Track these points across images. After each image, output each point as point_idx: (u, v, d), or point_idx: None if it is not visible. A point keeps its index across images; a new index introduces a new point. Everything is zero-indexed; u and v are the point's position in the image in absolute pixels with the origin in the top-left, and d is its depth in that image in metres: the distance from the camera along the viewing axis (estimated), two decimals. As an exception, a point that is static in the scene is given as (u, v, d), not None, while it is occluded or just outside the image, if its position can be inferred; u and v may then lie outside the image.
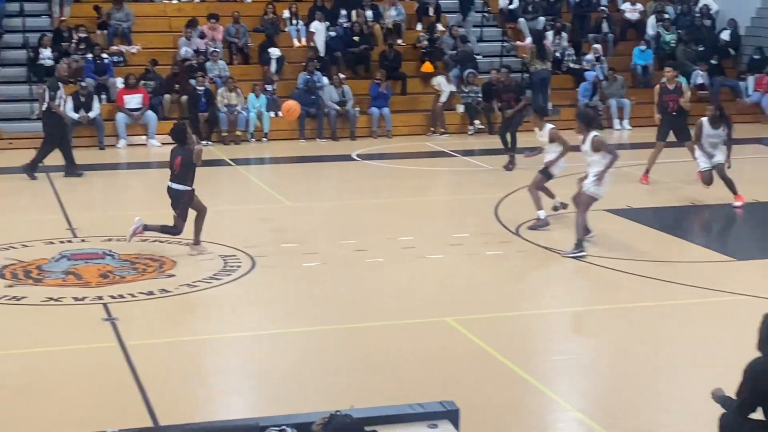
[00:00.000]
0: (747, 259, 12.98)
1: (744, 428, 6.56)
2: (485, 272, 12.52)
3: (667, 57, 24.85)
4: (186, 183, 12.53)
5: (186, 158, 12.42)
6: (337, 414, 5.74)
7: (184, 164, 12.43)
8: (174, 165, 12.53)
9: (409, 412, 6.41)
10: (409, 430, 6.16)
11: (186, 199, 12.58)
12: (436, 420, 6.33)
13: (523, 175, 17.76)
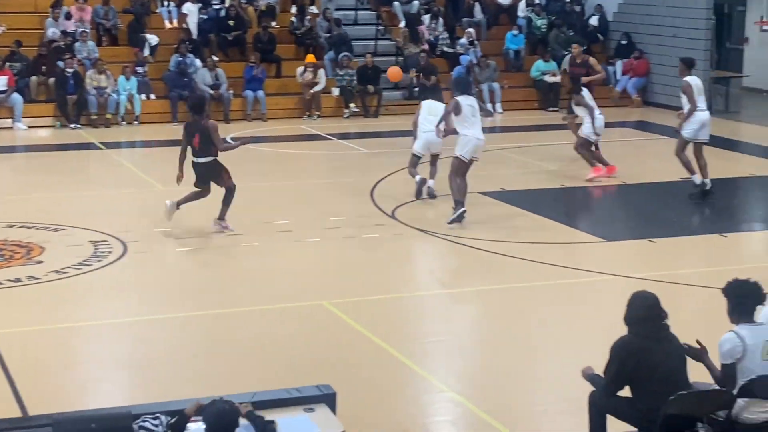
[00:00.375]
0: (616, 239, 13.28)
1: (611, 405, 6.71)
2: (361, 255, 12.53)
3: (538, 42, 25.23)
4: (210, 154, 12.71)
5: (204, 133, 12.59)
6: (216, 400, 5.67)
7: (203, 139, 12.59)
8: (193, 142, 12.66)
9: (286, 396, 6.37)
10: (285, 415, 6.11)
11: (219, 167, 12.83)
12: (313, 404, 6.30)
13: (398, 159, 17.82)
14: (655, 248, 12.78)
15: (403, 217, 13.97)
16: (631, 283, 10.58)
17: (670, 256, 12.58)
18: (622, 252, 12.74)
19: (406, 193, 15.28)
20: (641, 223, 14.25)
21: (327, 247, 12.68)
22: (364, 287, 11.22)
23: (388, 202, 14.66)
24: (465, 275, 11.94)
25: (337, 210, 14.15)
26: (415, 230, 13.38)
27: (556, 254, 12.34)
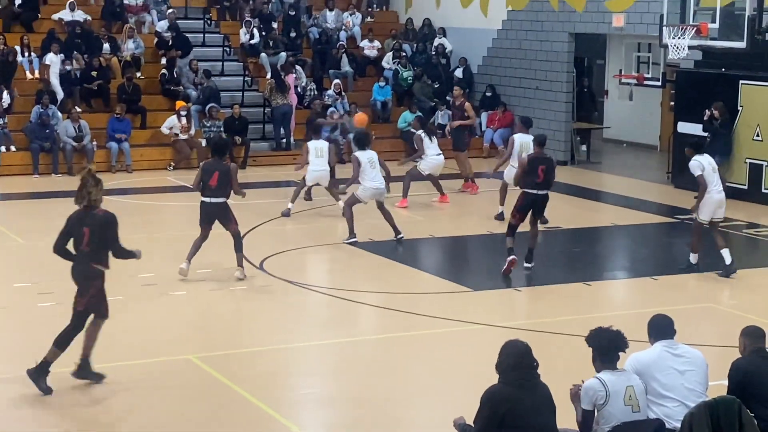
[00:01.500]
0: (483, 289, 13.40)
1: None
2: (229, 307, 12.36)
3: (405, 93, 25.52)
4: (225, 195, 12.95)
5: (224, 173, 12.82)
6: None
7: (221, 178, 12.79)
8: (211, 180, 12.80)
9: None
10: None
11: (229, 208, 13.05)
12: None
13: (266, 210, 17.72)
14: (521, 297, 12.94)
15: (271, 268, 13.86)
16: (499, 332, 10.67)
17: (536, 305, 12.75)
18: (489, 301, 12.85)
19: (274, 244, 15.18)
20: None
21: (193, 300, 12.47)
22: (232, 340, 11.06)
23: (256, 254, 14.52)
24: (334, 326, 11.87)
25: (204, 262, 13.94)
26: (283, 282, 13.28)
27: (425, 304, 12.38)
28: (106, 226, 9.28)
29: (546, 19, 24.03)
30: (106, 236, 9.28)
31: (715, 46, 17.74)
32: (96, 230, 9.22)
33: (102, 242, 9.27)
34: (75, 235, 9.31)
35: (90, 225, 9.22)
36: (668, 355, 7.11)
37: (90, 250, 9.24)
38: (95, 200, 9.28)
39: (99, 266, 9.29)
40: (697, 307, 12.46)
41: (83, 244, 9.24)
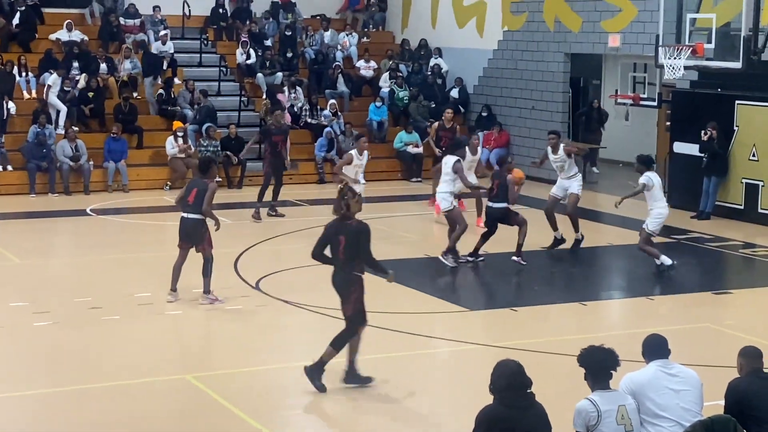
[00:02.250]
0: (479, 309, 13.39)
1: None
2: (225, 327, 12.34)
3: (401, 113, 25.57)
4: (201, 212, 12.82)
5: (201, 191, 12.79)
6: None
7: (198, 194, 12.77)
8: (189, 196, 12.84)
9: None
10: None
11: (205, 228, 12.92)
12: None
13: (263, 229, 17.72)
14: (517, 317, 12.94)
15: (267, 288, 13.85)
16: (495, 352, 10.66)
17: (533, 325, 12.74)
18: (485, 321, 12.85)
19: (270, 263, 15.18)
20: (504, 292, 14.43)
21: (190, 320, 12.46)
22: (228, 360, 11.04)
23: (253, 273, 14.52)
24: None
25: (200, 282, 13.92)
26: (279, 301, 13.27)
27: (421, 324, 12.37)
28: (359, 235, 9.80)
29: (542, 39, 24.12)
30: (359, 246, 9.77)
31: (711, 67, 17.80)
32: (351, 239, 9.76)
33: (356, 251, 9.80)
34: (332, 243, 9.91)
35: (345, 234, 9.78)
36: (663, 375, 7.11)
37: (345, 258, 9.80)
38: (352, 212, 9.85)
39: (356, 272, 9.86)
40: (694, 327, 12.45)
41: (339, 251, 9.81)
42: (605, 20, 22.47)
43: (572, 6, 23.27)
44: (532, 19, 24.35)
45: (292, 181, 23.12)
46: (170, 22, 25.91)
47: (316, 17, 27.91)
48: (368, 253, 9.85)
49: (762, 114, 18.89)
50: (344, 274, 9.84)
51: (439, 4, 27.16)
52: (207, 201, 12.83)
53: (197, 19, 26.41)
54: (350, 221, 9.87)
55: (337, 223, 9.92)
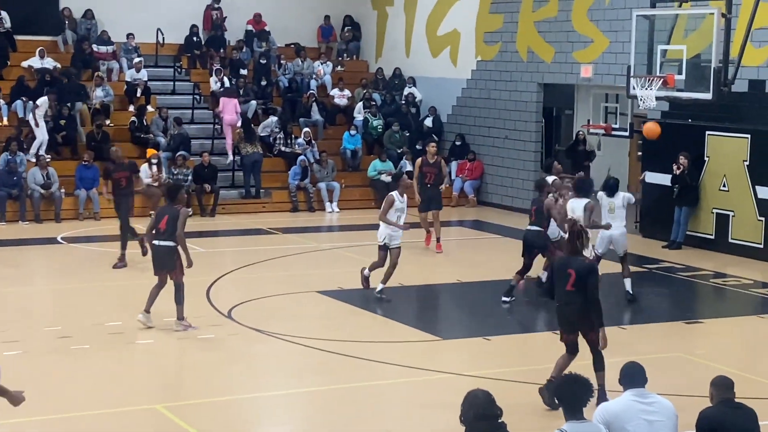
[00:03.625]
0: (452, 338, 13.37)
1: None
2: (197, 356, 12.26)
3: (374, 142, 25.61)
4: (174, 240, 12.76)
5: (172, 218, 12.76)
6: None
7: (170, 222, 12.76)
8: (160, 223, 12.81)
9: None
10: None
11: (177, 255, 12.82)
12: None
13: (235, 257, 17.66)
14: (490, 346, 12.92)
15: (239, 317, 13.78)
16: (468, 381, 10.63)
17: (506, 354, 12.72)
18: (458, 350, 12.82)
19: (243, 292, 15.12)
20: (477, 321, 14.42)
21: (161, 349, 12.37)
22: (199, 390, 10.96)
23: (225, 302, 14.46)
24: (304, 376, 11.78)
25: (172, 310, 13.84)
26: (251, 330, 13.20)
27: (394, 353, 12.33)
28: (589, 273, 10.18)
29: (515, 69, 24.25)
30: (587, 282, 10.14)
31: (682, 97, 17.90)
32: (581, 274, 10.12)
33: (584, 286, 10.14)
34: (562, 277, 10.30)
35: (576, 268, 10.15)
36: (637, 405, 7.09)
37: (576, 290, 10.17)
38: (582, 248, 10.34)
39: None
40: (666, 356, 12.47)
41: (568, 284, 10.17)
42: (577, 51, 22.63)
43: (545, 36, 23.43)
44: (505, 49, 24.49)
45: (265, 210, 23.12)
46: (144, 49, 25.89)
47: (290, 46, 27.96)
48: (595, 291, 10.20)
49: (732, 144, 19.04)
50: (574, 306, 10.21)
51: (413, 33, 27.28)
52: (180, 227, 12.78)
53: (171, 46, 26.40)
54: (580, 257, 10.32)
55: (566, 259, 10.36)
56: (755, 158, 18.65)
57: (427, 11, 26.69)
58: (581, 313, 10.25)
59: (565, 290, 10.24)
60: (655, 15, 18.16)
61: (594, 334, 10.29)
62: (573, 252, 10.30)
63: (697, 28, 17.86)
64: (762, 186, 18.44)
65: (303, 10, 28.28)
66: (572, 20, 22.70)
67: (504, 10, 24.45)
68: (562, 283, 10.25)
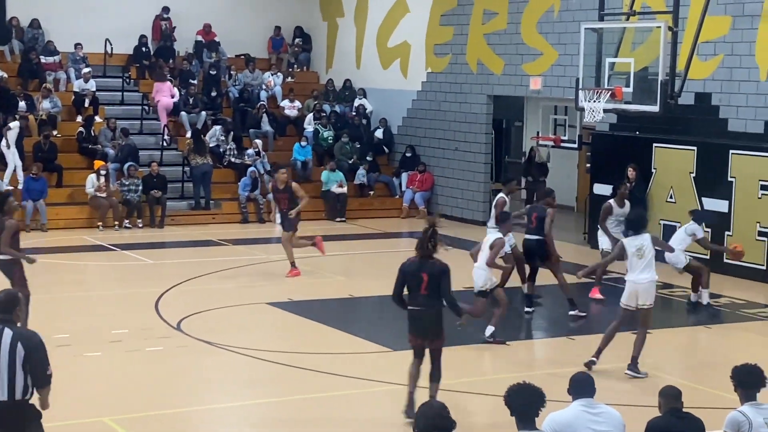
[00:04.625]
0: (403, 349, 13.35)
1: None
2: (145, 369, 12.15)
3: (325, 153, 25.60)
4: (3, 252, 12.31)
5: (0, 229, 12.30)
6: None
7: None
8: None
9: None
10: None
11: (10, 268, 12.40)
12: None
13: (185, 269, 17.56)
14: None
15: (188, 329, 13.69)
16: (419, 392, 10.63)
17: (456, 365, 12.73)
18: (409, 361, 12.80)
19: (192, 304, 15.02)
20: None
21: (108, 361, 12.25)
22: (148, 402, 10.86)
23: (174, 314, 14.35)
24: (253, 387, 11.72)
25: (120, 323, 13.73)
26: (201, 342, 13.11)
27: (345, 365, 12.31)
28: (442, 275, 10.02)
29: (465, 81, 24.37)
30: (440, 285, 10.02)
31: (629, 110, 18.09)
32: (435, 277, 10.01)
33: (437, 289, 10.02)
34: (415, 280, 10.11)
35: (428, 272, 10.01)
36: (586, 415, 7.14)
37: (428, 294, 10.06)
38: (435, 249, 10.07)
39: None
40: (614, 366, 12.55)
41: (422, 288, 10.05)
42: (527, 63, 22.79)
43: (494, 49, 23.57)
44: (455, 61, 24.60)
45: (215, 221, 23.01)
46: (92, 59, 25.70)
47: (241, 56, 27.89)
48: (449, 292, 10.08)
49: (679, 156, 19.26)
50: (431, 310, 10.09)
51: (364, 45, 27.32)
52: (4, 240, 12.35)
53: (119, 57, 26.24)
54: (432, 260, 10.08)
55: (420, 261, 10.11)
56: (701, 170, 18.89)
57: (378, 23, 26.76)
58: (432, 318, 10.15)
59: (418, 293, 10.12)
60: (603, 28, 18.36)
61: (439, 342, 10.22)
62: (425, 254, 10.09)
63: (645, 42, 18.06)
64: (708, 197, 18.67)
65: (253, 21, 28.23)
66: (521, 33, 22.86)
67: (454, 22, 24.57)
68: (415, 287, 10.12)
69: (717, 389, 11.44)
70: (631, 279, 12.21)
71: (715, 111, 19.06)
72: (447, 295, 10.08)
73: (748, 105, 18.53)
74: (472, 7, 24.05)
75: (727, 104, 18.87)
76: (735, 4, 18.67)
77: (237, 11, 28.06)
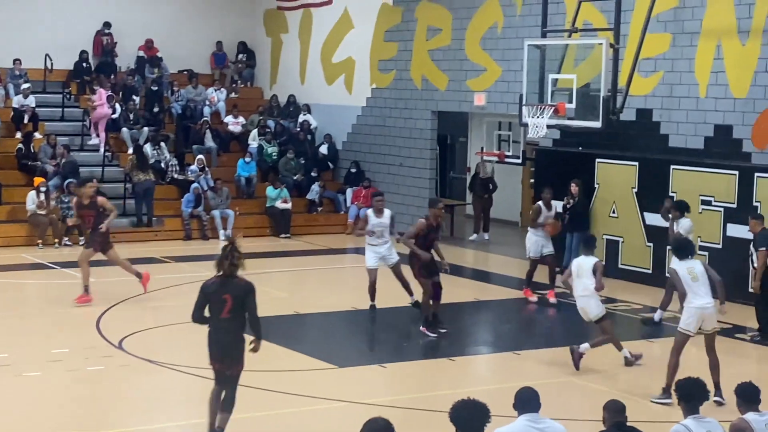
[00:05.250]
0: (348, 366, 13.30)
1: None
2: (86, 389, 11.97)
3: (270, 169, 25.47)
4: None
5: None
6: None
7: None
8: None
9: None
10: None
11: None
12: None
13: (126, 287, 17.34)
14: (386, 373, 12.89)
15: (130, 347, 13.51)
16: (365, 409, 10.58)
17: (402, 381, 12.70)
18: (354, 378, 12.75)
19: (134, 322, 14.83)
20: (373, 348, 14.38)
21: (49, 382, 12.04)
22: (89, 422, 10.70)
23: (116, 333, 14.16)
24: (196, 406, 11.57)
25: (61, 342, 13.52)
26: (143, 361, 12.94)
27: (289, 382, 12.22)
28: (247, 294, 9.58)
29: (409, 97, 24.41)
30: (245, 304, 9.55)
31: (572, 126, 18.23)
32: (239, 298, 9.51)
33: (242, 309, 9.55)
34: (217, 302, 9.55)
35: (232, 293, 9.49)
36: (531, 429, 7.14)
37: (231, 317, 9.53)
38: (236, 268, 9.53)
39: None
40: (558, 381, 12.59)
41: (224, 311, 9.48)
42: (471, 79, 22.88)
43: (439, 65, 23.64)
44: (399, 77, 24.64)
45: (158, 238, 22.78)
46: (32, 75, 25.39)
47: (183, 72, 27.72)
48: (255, 311, 9.66)
49: (621, 172, 19.42)
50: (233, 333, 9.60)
51: (308, 60, 27.28)
52: None
53: (60, 72, 25.95)
54: (236, 279, 9.56)
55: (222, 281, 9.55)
56: (643, 185, 19.06)
57: (322, 39, 26.74)
58: (233, 343, 9.65)
59: (220, 316, 9.55)
60: (546, 45, 18.49)
61: (237, 369, 9.73)
62: (227, 273, 9.52)
63: (587, 58, 18.21)
64: (650, 212, 18.84)
65: (196, 36, 28.08)
66: (465, 49, 22.96)
67: (398, 38, 24.62)
68: (218, 309, 9.54)
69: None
70: (698, 305, 11.52)
71: (656, 127, 19.26)
72: (252, 316, 9.58)
73: (688, 121, 18.75)
74: (417, 23, 24.13)
75: (667, 120, 19.09)
76: (675, 22, 18.91)
77: (179, 26, 27.89)
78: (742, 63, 17.87)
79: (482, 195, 24.09)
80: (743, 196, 17.37)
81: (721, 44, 18.23)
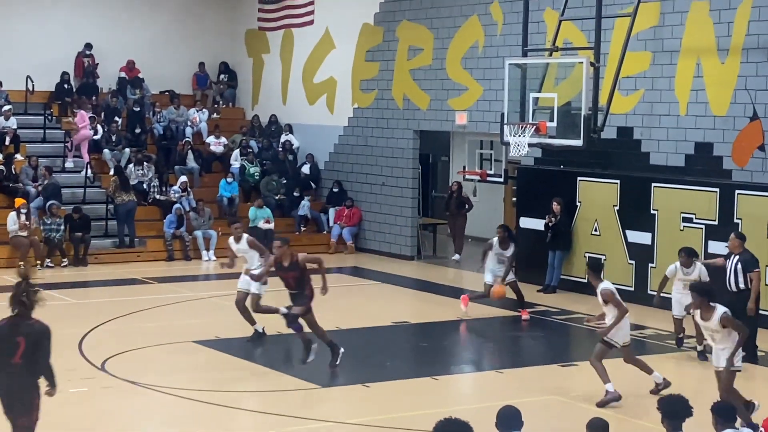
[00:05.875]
0: (331, 386, 13.28)
1: None
2: (68, 411, 11.90)
3: (252, 189, 25.46)
4: None
5: None
6: None
7: None
8: None
9: None
10: None
11: None
12: None
13: (109, 308, 17.31)
14: (369, 393, 12.87)
15: (113, 369, 13.45)
16: (348, 429, 10.56)
17: (384, 400, 12.69)
18: (337, 398, 12.73)
19: (117, 343, 14.77)
20: (356, 368, 14.36)
21: (31, 404, 11.95)
22: (71, 445, 10.64)
23: (98, 354, 14.10)
24: (179, 427, 11.55)
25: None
26: (126, 383, 12.89)
27: (273, 402, 12.18)
28: (43, 338, 8.61)
29: (391, 117, 24.46)
30: (40, 349, 8.58)
31: (554, 144, 18.29)
32: (33, 341, 8.54)
33: (34, 355, 8.55)
34: (9, 346, 8.53)
35: (26, 335, 8.51)
36: (513, 448, 7.15)
37: (23, 363, 8.50)
38: (31, 306, 8.58)
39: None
40: (542, 399, 12.60)
41: (16, 356, 8.49)
42: (452, 98, 22.94)
43: (420, 84, 23.70)
44: (381, 96, 24.69)
45: (140, 259, 22.72)
46: (13, 97, 25.34)
47: (165, 93, 27.71)
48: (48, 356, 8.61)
49: (602, 190, 19.49)
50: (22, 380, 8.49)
51: (290, 80, 27.31)
52: None
53: (41, 94, 25.90)
54: (30, 320, 8.53)
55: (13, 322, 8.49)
56: (624, 203, 19.13)
57: (303, 59, 26.78)
58: (24, 390, 8.54)
59: (10, 362, 8.46)
60: (527, 64, 18.58)
61: (31, 418, 8.63)
62: (21, 313, 8.51)
63: (568, 77, 18.29)
64: (631, 230, 18.90)
65: (177, 57, 28.08)
66: (447, 68, 23.03)
67: (379, 58, 24.69)
68: (9, 353, 8.47)
69: (643, 420, 11.54)
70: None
71: (637, 145, 19.35)
72: (45, 363, 8.58)
73: (669, 139, 18.85)
74: (398, 43, 24.20)
75: (648, 138, 19.19)
76: (655, 41, 19.03)
77: (161, 47, 27.88)
78: (722, 81, 17.99)
79: (457, 214, 24.11)
80: (724, 213, 17.45)
81: (700, 62, 18.36)
